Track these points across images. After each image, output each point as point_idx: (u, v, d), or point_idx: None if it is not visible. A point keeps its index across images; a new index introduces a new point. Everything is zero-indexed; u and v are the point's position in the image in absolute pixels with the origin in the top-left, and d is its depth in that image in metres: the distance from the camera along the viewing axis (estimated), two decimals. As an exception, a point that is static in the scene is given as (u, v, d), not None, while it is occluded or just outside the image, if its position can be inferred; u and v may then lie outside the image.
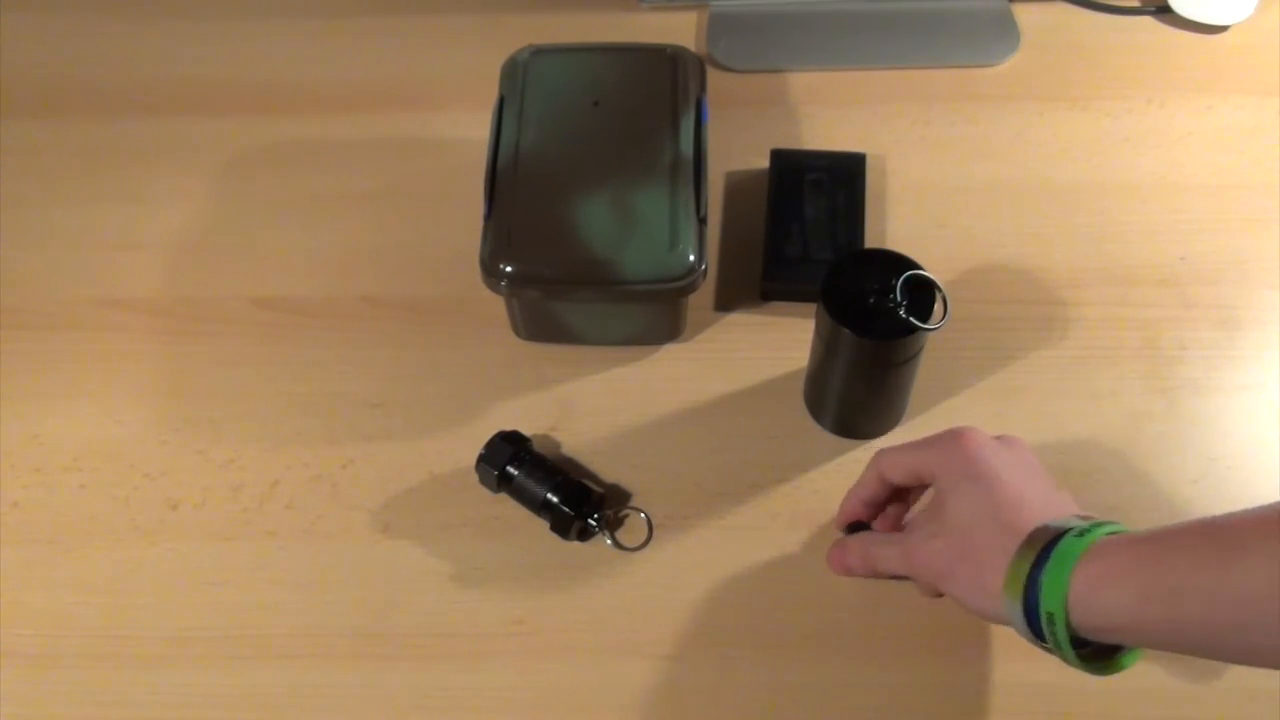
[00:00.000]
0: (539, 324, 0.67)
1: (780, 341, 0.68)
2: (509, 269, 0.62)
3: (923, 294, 0.56)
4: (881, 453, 0.55)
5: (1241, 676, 0.56)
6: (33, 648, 0.59)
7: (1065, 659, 0.45)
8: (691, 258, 0.62)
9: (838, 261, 0.58)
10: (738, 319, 0.70)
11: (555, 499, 0.60)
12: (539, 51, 0.71)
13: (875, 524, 0.58)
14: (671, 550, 0.61)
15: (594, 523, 0.60)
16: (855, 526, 0.58)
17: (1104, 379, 0.66)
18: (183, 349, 0.69)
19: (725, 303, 0.70)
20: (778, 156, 0.73)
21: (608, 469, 0.64)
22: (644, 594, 0.60)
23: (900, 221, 0.73)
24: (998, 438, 0.51)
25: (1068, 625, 0.44)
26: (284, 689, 0.57)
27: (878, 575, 0.55)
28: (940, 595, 0.52)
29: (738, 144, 0.76)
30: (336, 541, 0.62)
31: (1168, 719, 0.55)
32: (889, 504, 0.57)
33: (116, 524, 0.63)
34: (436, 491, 0.63)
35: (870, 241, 0.70)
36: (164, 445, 0.65)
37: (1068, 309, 0.69)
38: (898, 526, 0.57)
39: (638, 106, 0.68)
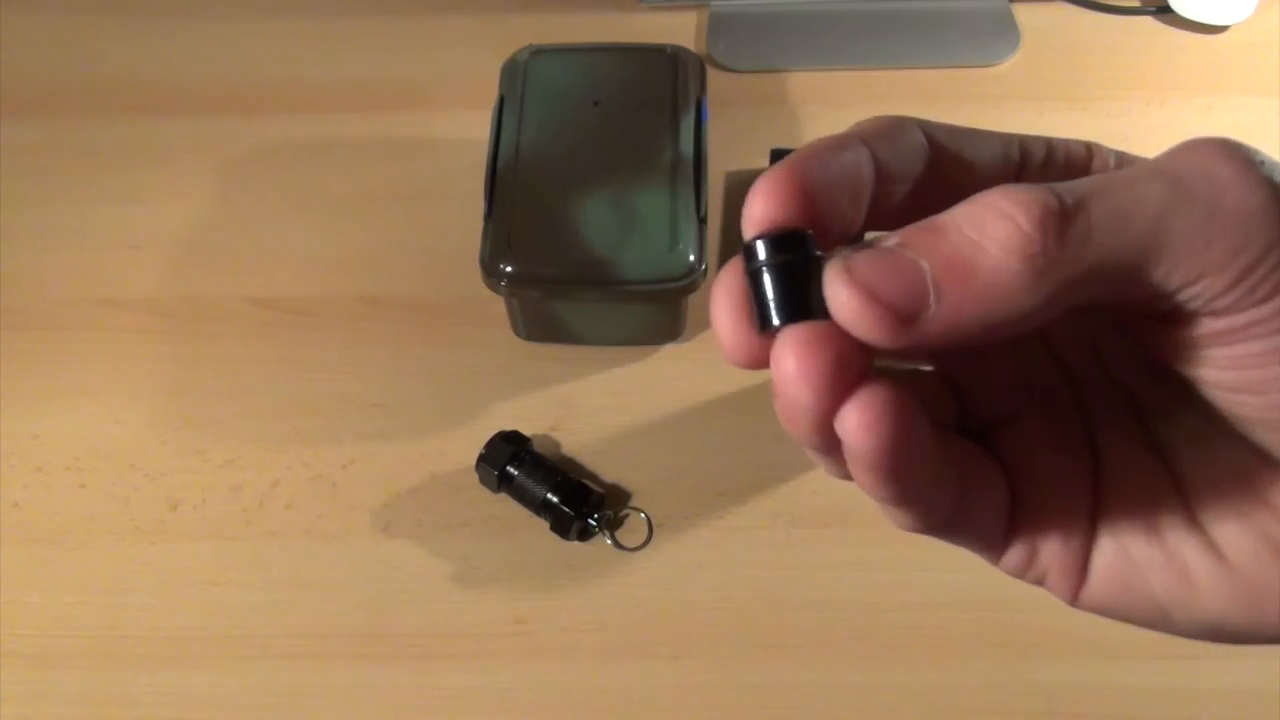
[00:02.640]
0: (539, 324, 0.67)
1: (780, 341, 0.68)
2: (509, 269, 0.62)
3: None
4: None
5: (1242, 676, 0.56)
6: (33, 648, 0.59)
7: None
8: (691, 258, 0.62)
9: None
10: (738, 319, 0.70)
11: (555, 499, 0.60)
12: (539, 51, 0.71)
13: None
14: (671, 550, 0.61)
15: (594, 523, 0.60)
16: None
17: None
18: (183, 349, 0.69)
19: (725, 303, 0.70)
20: (778, 156, 0.73)
21: (608, 469, 0.64)
22: (644, 594, 0.60)
23: (900, 221, 0.73)
24: None
25: None
26: (284, 689, 0.57)
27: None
28: None
29: (738, 144, 0.76)
30: (336, 541, 0.62)
31: (1167, 719, 0.55)
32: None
33: (116, 524, 0.63)
34: (436, 491, 0.63)
35: (870, 241, 0.70)
36: (164, 445, 0.65)
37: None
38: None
39: (638, 106, 0.68)
